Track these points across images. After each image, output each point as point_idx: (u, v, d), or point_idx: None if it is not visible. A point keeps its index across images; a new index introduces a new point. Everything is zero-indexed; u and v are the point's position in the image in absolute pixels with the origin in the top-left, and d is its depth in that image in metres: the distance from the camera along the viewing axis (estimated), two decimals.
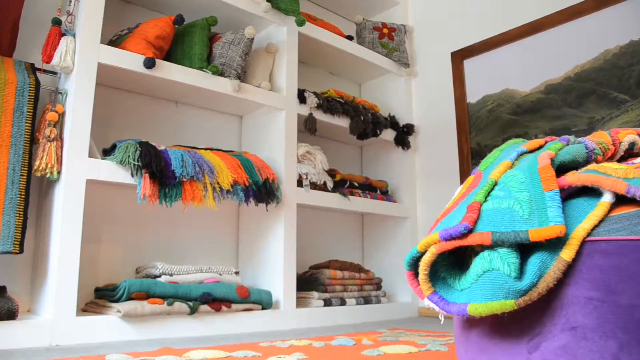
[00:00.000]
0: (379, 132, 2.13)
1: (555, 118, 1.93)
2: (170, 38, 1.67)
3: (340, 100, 2.06)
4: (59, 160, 1.41)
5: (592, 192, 0.65)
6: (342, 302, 1.93)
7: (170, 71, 1.62)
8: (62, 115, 1.45)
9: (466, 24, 2.27)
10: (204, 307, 1.55)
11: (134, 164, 1.47)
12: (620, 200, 0.63)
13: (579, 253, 0.61)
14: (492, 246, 0.62)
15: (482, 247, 0.64)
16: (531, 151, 0.77)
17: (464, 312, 0.64)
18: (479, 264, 0.63)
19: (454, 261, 0.71)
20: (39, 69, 1.48)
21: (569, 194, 0.66)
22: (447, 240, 0.65)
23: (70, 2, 1.51)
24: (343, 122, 2.07)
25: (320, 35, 2.07)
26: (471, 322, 0.75)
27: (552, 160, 0.68)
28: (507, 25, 2.12)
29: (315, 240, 2.23)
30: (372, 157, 2.49)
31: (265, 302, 1.69)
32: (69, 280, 1.35)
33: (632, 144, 0.79)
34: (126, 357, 1.13)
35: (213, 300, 1.58)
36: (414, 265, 0.71)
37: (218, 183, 1.60)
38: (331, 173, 2.02)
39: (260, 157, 1.89)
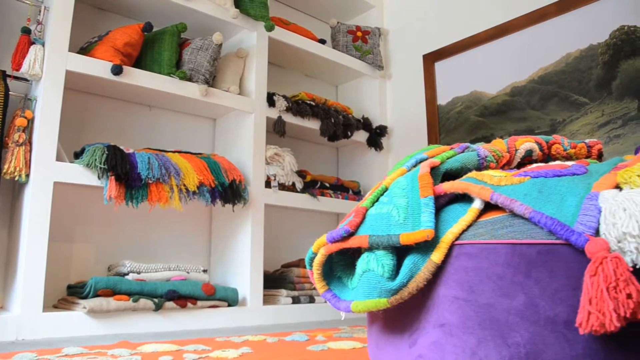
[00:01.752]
0: (350, 133, 2.18)
1: (520, 120, 1.96)
2: (139, 45, 1.73)
3: (312, 103, 2.11)
4: (27, 164, 1.47)
5: (469, 198, 0.70)
6: (311, 300, 1.99)
7: (138, 77, 1.68)
8: (31, 121, 1.52)
9: (438, 27, 2.31)
10: (170, 304, 1.62)
11: (100, 167, 1.53)
12: (491, 206, 0.68)
13: (448, 255, 0.66)
14: (371, 248, 0.68)
15: (365, 249, 0.69)
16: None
17: (348, 310, 0.69)
18: (360, 264, 0.69)
19: (350, 262, 0.76)
20: (10, 76, 1.55)
21: (449, 200, 0.71)
22: (332, 243, 0.70)
23: (40, 11, 1.58)
24: (314, 125, 2.12)
25: (291, 39, 2.13)
26: (372, 319, 0.80)
27: (436, 168, 0.73)
28: (476, 28, 2.15)
29: (290, 239, 2.29)
30: (347, 158, 2.54)
31: (231, 299, 1.76)
32: (36, 278, 1.41)
33: (529, 151, 0.84)
34: (82, 350, 1.20)
35: (178, 297, 1.64)
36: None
37: (184, 185, 1.66)
38: (302, 174, 2.08)
39: (230, 158, 1.95)
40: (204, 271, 1.78)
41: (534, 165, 0.80)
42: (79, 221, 1.76)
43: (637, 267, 0.55)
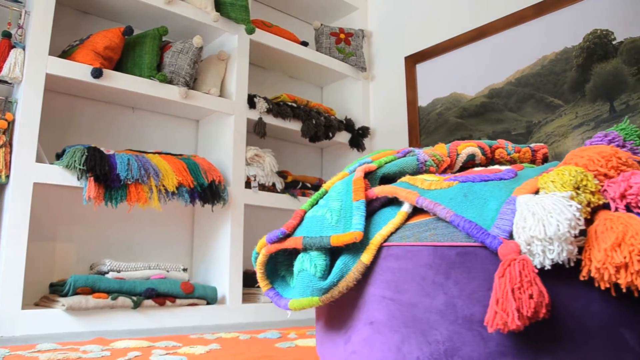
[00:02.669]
0: (331, 135, 2.21)
1: (497, 122, 1.99)
2: (119, 48, 1.76)
3: (293, 104, 2.15)
4: (8, 165, 1.51)
5: (402, 202, 0.73)
6: None
7: (118, 80, 1.72)
8: (12, 123, 1.56)
9: (419, 29, 2.34)
10: (149, 302, 1.65)
11: (80, 168, 1.57)
12: (421, 210, 0.71)
13: (377, 257, 0.69)
14: (306, 249, 0.71)
15: (301, 250, 0.73)
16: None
17: (286, 307, 0.73)
18: (296, 264, 0.72)
19: (293, 262, 0.80)
20: None
21: (384, 203, 0.74)
22: (271, 244, 0.73)
23: (21, 16, 1.62)
24: (296, 126, 2.15)
25: (272, 42, 2.16)
26: (317, 316, 0.84)
27: (374, 172, 0.76)
28: (456, 30, 2.18)
29: None
30: (331, 158, 2.57)
31: (210, 298, 1.79)
32: (15, 277, 1.45)
33: (471, 156, 0.87)
34: (55, 346, 1.24)
35: (157, 295, 1.68)
36: None
37: (163, 185, 1.70)
38: (283, 174, 2.11)
39: (212, 159, 1.99)
40: (184, 270, 1.82)
41: (476, 169, 0.83)
42: (62, 221, 1.80)
43: (546, 268, 0.58)
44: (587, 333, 0.60)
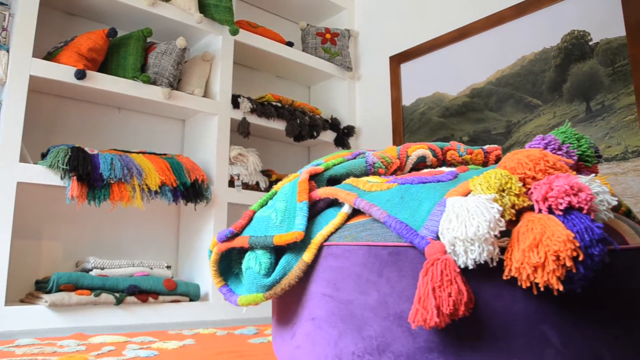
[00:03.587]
0: (316, 134, 2.24)
1: (478, 121, 2.01)
2: (103, 50, 1.79)
3: (278, 104, 2.17)
4: None
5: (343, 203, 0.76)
6: None
7: (102, 81, 1.75)
8: None
9: (404, 29, 2.36)
10: (131, 299, 1.69)
11: (63, 168, 1.61)
12: (360, 210, 0.73)
13: (318, 255, 0.72)
14: (252, 248, 0.74)
15: (249, 249, 0.76)
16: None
17: (236, 303, 0.76)
18: (244, 262, 0.75)
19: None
20: None
21: (328, 204, 0.77)
22: (221, 242, 0.76)
23: (5, 18, 1.65)
24: (281, 125, 2.18)
25: (257, 42, 2.19)
26: (272, 313, 0.87)
27: (319, 174, 0.79)
28: (439, 30, 2.19)
29: None
30: (317, 157, 2.60)
31: (192, 294, 1.83)
32: None
33: (422, 158, 0.89)
34: (34, 341, 1.28)
35: (140, 292, 1.71)
36: None
37: (146, 184, 1.73)
38: (267, 173, 2.14)
39: (197, 159, 2.02)
40: (168, 267, 1.86)
41: (424, 170, 0.85)
42: (48, 219, 1.84)
43: (469, 268, 0.61)
44: (511, 330, 0.62)
